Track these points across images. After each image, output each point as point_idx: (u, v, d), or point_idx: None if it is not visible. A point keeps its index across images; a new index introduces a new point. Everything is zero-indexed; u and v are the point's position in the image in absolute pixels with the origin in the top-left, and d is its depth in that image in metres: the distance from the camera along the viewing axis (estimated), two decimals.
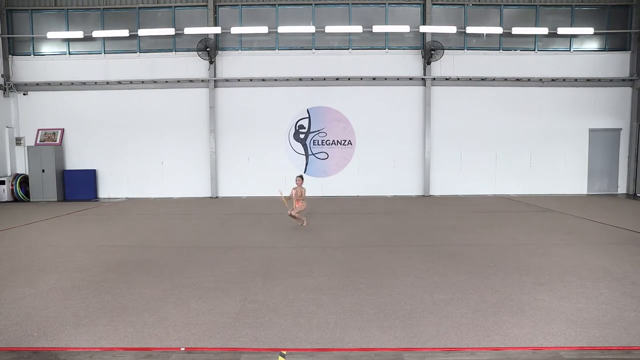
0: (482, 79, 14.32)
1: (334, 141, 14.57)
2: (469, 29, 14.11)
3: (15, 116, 14.72)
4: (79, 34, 14.05)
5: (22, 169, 14.77)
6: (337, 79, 14.32)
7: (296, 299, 4.39)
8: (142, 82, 14.41)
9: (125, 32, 13.99)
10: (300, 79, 14.29)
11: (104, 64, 14.49)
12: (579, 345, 3.34)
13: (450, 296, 4.45)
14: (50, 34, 14.13)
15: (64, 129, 14.63)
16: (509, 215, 10.21)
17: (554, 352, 3.24)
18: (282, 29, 14.00)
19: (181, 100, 14.49)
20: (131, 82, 14.40)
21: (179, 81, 14.41)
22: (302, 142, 14.61)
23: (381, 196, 14.29)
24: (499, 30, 14.14)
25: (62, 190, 14.39)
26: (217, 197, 14.51)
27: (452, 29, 13.98)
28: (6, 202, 13.92)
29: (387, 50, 14.42)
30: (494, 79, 14.31)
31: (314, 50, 14.41)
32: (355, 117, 14.46)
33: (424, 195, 14.44)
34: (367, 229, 8.49)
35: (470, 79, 14.32)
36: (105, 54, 14.52)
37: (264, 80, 14.30)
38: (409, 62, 14.39)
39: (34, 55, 14.69)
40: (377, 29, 13.98)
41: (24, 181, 14.30)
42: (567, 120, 14.53)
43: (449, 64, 14.29)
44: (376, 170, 14.56)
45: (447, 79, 14.33)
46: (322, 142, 14.59)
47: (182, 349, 3.32)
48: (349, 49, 14.44)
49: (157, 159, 14.65)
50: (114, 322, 3.83)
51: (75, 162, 14.69)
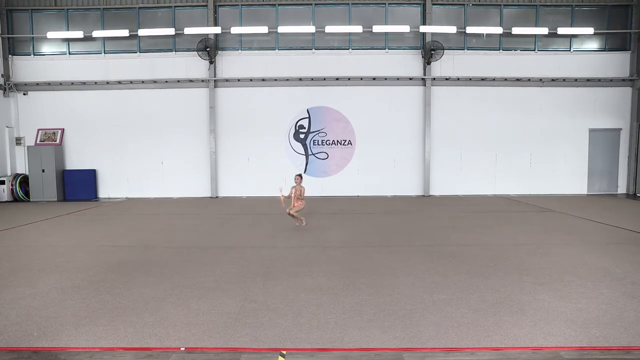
0: (482, 79, 14.32)
1: (334, 141, 14.57)
2: (469, 29, 14.11)
3: (15, 116, 14.73)
4: (79, 34, 14.05)
5: (22, 169, 14.77)
6: (337, 79, 14.32)
7: (296, 299, 4.39)
8: (142, 82, 14.41)
9: (125, 32, 13.99)
10: (300, 79, 14.29)
11: (104, 64, 14.50)
12: (579, 345, 3.35)
13: (450, 296, 4.45)
14: (50, 34, 14.13)
15: (64, 129, 14.63)
16: (509, 215, 10.21)
17: (554, 352, 3.24)
18: (282, 29, 14.00)
19: (181, 100, 14.49)
20: (131, 82, 14.41)
21: (179, 81, 14.41)
22: (302, 142, 14.61)
23: (381, 196, 14.29)
24: (499, 30, 14.14)
25: (62, 190, 14.39)
26: (217, 197, 14.51)
27: (452, 29, 13.98)
28: (6, 202, 13.92)
29: (387, 50, 14.42)
30: (494, 79, 14.32)
31: (314, 50, 14.41)
32: (355, 117, 14.46)
33: (424, 195, 14.44)
34: (367, 229, 8.49)
35: (470, 79, 14.32)
36: (105, 54, 14.52)
37: (264, 80, 14.30)
38: (409, 62, 14.39)
39: (34, 55, 14.69)
40: (377, 29, 13.98)
41: (24, 181, 14.30)
42: (567, 120, 14.53)
43: (449, 64, 14.29)
44: (376, 170, 14.56)
45: (447, 79, 14.33)
46: (322, 142, 14.59)
47: (182, 349, 3.32)
48: (349, 49, 14.44)
49: (157, 159, 14.65)
50: (114, 322, 3.83)
51: (75, 162, 14.69)
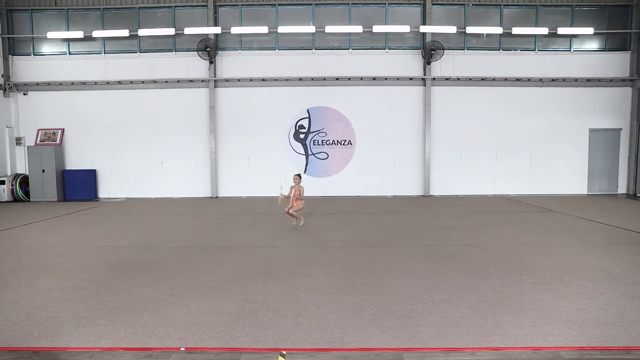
0: (482, 79, 14.32)
1: (334, 141, 14.57)
2: (469, 29, 14.10)
3: (15, 116, 14.73)
4: (79, 34, 14.05)
5: (22, 169, 14.77)
6: (337, 79, 14.32)
7: (296, 299, 4.39)
8: (142, 82, 14.41)
9: (125, 32, 13.99)
10: (300, 79, 14.29)
11: (104, 64, 14.50)
12: (579, 345, 3.35)
13: (450, 296, 4.45)
14: (50, 34, 14.13)
15: (64, 129, 14.63)
16: (509, 215, 10.21)
17: (554, 352, 3.24)
18: (282, 29, 14.00)
19: (181, 100, 14.49)
20: (131, 82, 14.41)
21: (179, 81, 14.41)
22: (302, 142, 14.61)
23: (381, 196, 14.29)
24: (499, 30, 14.14)
25: (62, 190, 14.39)
26: (217, 197, 14.51)
27: (452, 29, 13.98)
28: (6, 202, 13.92)
29: (387, 50, 14.42)
30: (494, 79, 14.31)
31: (314, 50, 14.41)
32: (355, 117, 14.46)
33: (424, 195, 14.44)
34: (367, 229, 8.49)
35: (470, 79, 14.31)
36: (105, 54, 14.52)
37: (264, 80, 14.30)
38: (409, 62, 14.39)
39: (34, 55, 14.69)
40: (377, 29, 13.97)
41: (24, 181, 14.30)
42: (567, 120, 14.53)
43: (449, 64, 14.29)
44: (376, 170, 14.56)
45: (447, 79, 14.32)
46: (322, 142, 14.59)
47: (182, 349, 3.32)
48: (349, 49, 14.44)
49: (157, 159, 14.65)
50: (114, 322, 3.83)
51: (75, 162, 14.69)
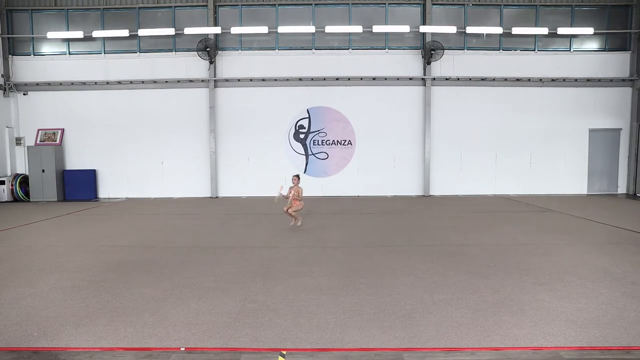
0: (482, 79, 14.32)
1: (334, 141, 14.57)
2: (469, 29, 14.10)
3: (15, 116, 14.73)
4: (79, 34, 14.05)
5: (22, 169, 14.77)
6: (337, 79, 14.32)
7: (296, 299, 4.39)
8: (142, 82, 14.41)
9: (125, 32, 13.99)
10: (300, 79, 14.29)
11: (104, 64, 14.49)
12: (579, 345, 3.35)
13: (450, 296, 4.45)
14: (50, 34, 14.13)
15: (64, 129, 14.63)
16: (509, 215, 10.21)
17: (554, 352, 3.24)
18: (282, 29, 14.00)
19: (181, 100, 14.49)
20: (131, 82, 14.40)
21: (179, 81, 14.41)
22: (302, 142, 14.61)
23: (381, 196, 14.29)
24: (499, 30, 14.14)
25: (62, 190, 14.39)
26: (217, 197, 14.51)
27: (452, 29, 13.98)
28: (6, 202, 13.92)
29: (387, 50, 14.42)
30: (494, 79, 14.31)
31: (314, 50, 14.41)
32: (355, 117, 14.46)
33: (424, 195, 14.44)
34: (367, 229, 8.49)
35: (470, 79, 14.31)
36: (105, 54, 14.52)
37: (264, 80, 14.30)
38: (409, 62, 14.39)
39: (34, 55, 14.69)
40: (377, 29, 13.97)
41: (24, 181, 14.29)
42: (567, 120, 14.53)
43: (449, 64, 14.29)
44: (376, 170, 14.56)
45: (447, 79, 14.32)
46: (322, 142, 14.59)
47: (182, 349, 3.32)
48: (349, 49, 14.44)
49: (157, 159, 14.65)
50: (114, 322, 3.83)
51: (75, 162, 14.69)
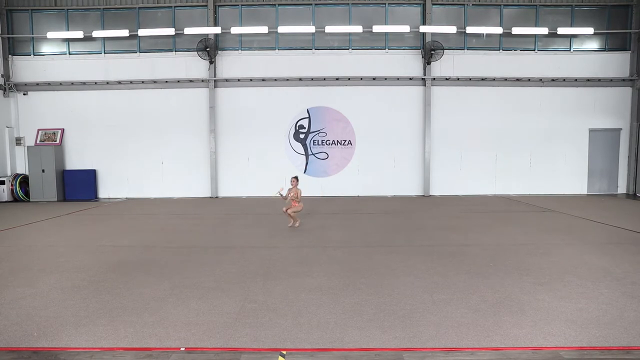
0: (482, 79, 14.32)
1: (334, 141, 14.57)
2: (469, 29, 14.10)
3: (15, 116, 14.73)
4: (79, 34, 14.05)
5: (22, 169, 14.77)
6: (337, 79, 14.32)
7: (296, 299, 4.39)
8: (142, 82, 14.41)
9: (125, 32, 13.99)
10: (300, 79, 14.29)
11: (104, 64, 14.50)
12: (579, 345, 3.34)
13: (450, 296, 4.45)
14: (50, 34, 14.13)
15: (64, 129, 14.63)
16: (509, 215, 10.21)
17: (554, 352, 3.24)
18: (282, 29, 14.00)
19: (181, 100, 14.49)
20: (131, 82, 14.41)
21: (179, 81, 14.41)
22: (302, 142, 14.61)
23: (381, 196, 14.29)
24: (499, 30, 14.14)
25: (62, 190, 14.39)
26: (217, 197, 14.51)
27: (452, 29, 13.98)
28: (6, 202, 13.92)
29: (387, 50, 14.42)
30: (494, 79, 14.31)
31: (314, 50, 14.41)
32: (355, 117, 14.46)
33: (424, 195, 14.44)
34: (367, 229, 8.49)
35: (470, 79, 14.31)
36: (105, 54, 14.52)
37: (264, 80, 14.30)
38: (409, 62, 14.39)
39: (34, 55, 14.69)
40: (377, 29, 13.97)
41: (24, 181, 14.29)
42: (567, 120, 14.53)
43: (449, 64, 14.29)
44: (376, 170, 14.56)
45: (447, 79, 14.32)
46: (322, 142, 14.59)
47: (182, 349, 3.32)
48: (349, 49, 14.43)
49: (157, 159, 14.65)
50: (114, 322, 3.83)
51: (75, 162, 14.69)
